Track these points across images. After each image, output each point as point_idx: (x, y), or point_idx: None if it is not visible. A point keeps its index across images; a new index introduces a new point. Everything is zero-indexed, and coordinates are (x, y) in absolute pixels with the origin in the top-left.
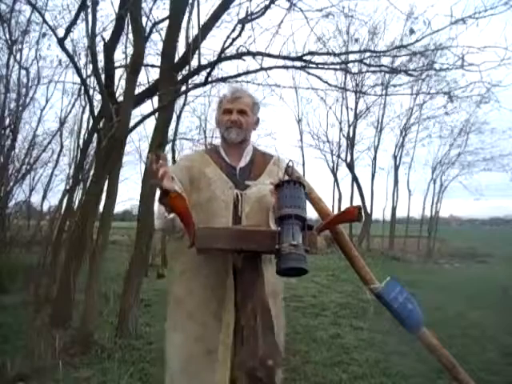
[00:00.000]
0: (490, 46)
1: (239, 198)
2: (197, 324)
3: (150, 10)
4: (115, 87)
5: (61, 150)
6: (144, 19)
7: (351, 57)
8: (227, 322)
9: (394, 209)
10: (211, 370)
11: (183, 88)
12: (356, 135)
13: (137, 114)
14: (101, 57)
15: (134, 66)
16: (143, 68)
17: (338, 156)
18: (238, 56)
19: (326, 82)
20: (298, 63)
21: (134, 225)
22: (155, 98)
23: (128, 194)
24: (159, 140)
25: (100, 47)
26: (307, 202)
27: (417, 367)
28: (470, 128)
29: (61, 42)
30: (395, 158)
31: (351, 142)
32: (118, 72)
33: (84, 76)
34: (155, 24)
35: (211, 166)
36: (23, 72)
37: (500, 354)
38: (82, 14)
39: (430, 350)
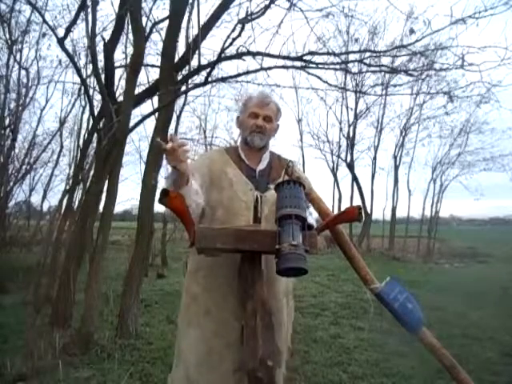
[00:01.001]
0: (490, 46)
1: (259, 200)
2: (214, 321)
3: (150, 9)
4: (115, 87)
5: (61, 150)
6: (144, 19)
7: (351, 57)
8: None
9: (394, 209)
10: (232, 362)
11: (183, 88)
12: (356, 135)
13: (137, 113)
14: (101, 57)
15: (134, 66)
16: (143, 68)
17: (338, 156)
18: (238, 56)
19: (326, 82)
20: (298, 63)
21: (133, 225)
22: (155, 98)
23: (128, 194)
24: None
25: (100, 47)
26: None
27: (417, 367)
28: (469, 128)
29: (61, 41)
30: (395, 157)
31: (351, 142)
32: (118, 72)
33: (84, 76)
34: (155, 24)
35: (232, 166)
36: (23, 72)
37: (500, 353)
38: (82, 14)
39: (430, 349)
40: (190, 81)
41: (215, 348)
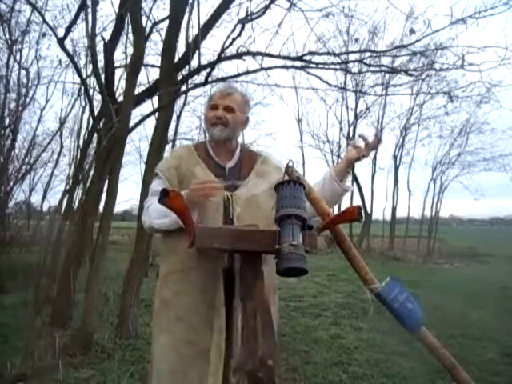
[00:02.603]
0: (490, 46)
1: (229, 200)
2: (186, 327)
3: (150, 10)
4: (115, 87)
5: (61, 150)
6: (144, 19)
7: (351, 57)
8: (219, 326)
9: (394, 209)
10: (203, 370)
11: (183, 88)
12: (356, 135)
13: (137, 113)
14: (101, 57)
15: (134, 66)
16: (143, 68)
17: (338, 156)
18: (238, 56)
19: (326, 82)
20: (298, 63)
21: (133, 225)
22: (155, 98)
23: (128, 194)
24: (159, 140)
25: (100, 47)
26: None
27: (417, 367)
28: (470, 128)
29: (61, 41)
30: (395, 157)
31: None
32: (118, 72)
33: (84, 76)
34: (155, 24)
35: (200, 164)
36: (23, 72)
37: (500, 353)
38: (82, 14)
39: (430, 350)
40: (190, 81)
41: (187, 356)
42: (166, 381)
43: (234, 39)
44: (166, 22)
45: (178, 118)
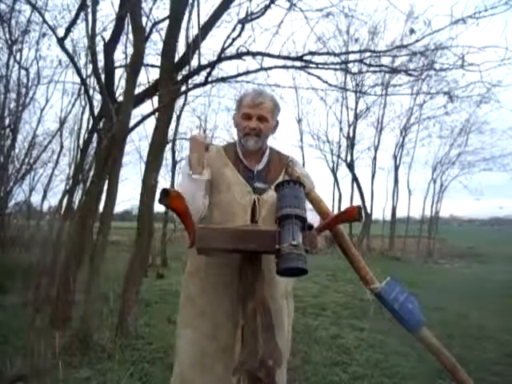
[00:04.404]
0: (490, 46)
1: (256, 203)
2: (209, 322)
3: (150, 9)
4: (115, 87)
5: (61, 150)
6: (144, 19)
7: (351, 57)
8: (239, 321)
9: (394, 209)
10: (224, 366)
11: (183, 88)
12: (356, 135)
13: (137, 113)
14: (101, 57)
15: (134, 66)
16: (143, 68)
17: (338, 156)
18: (238, 56)
19: (326, 82)
20: (298, 63)
21: (134, 225)
22: (155, 98)
23: (128, 194)
24: (159, 140)
25: (100, 47)
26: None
27: (417, 367)
28: (469, 128)
29: (61, 41)
30: (395, 157)
31: (351, 142)
32: (118, 72)
33: (84, 76)
34: (155, 24)
35: (229, 166)
36: (23, 72)
37: (500, 354)
38: (82, 14)
39: (430, 350)
40: (190, 81)
41: (208, 351)
42: (188, 373)
43: (234, 39)
44: (166, 22)
45: (178, 118)
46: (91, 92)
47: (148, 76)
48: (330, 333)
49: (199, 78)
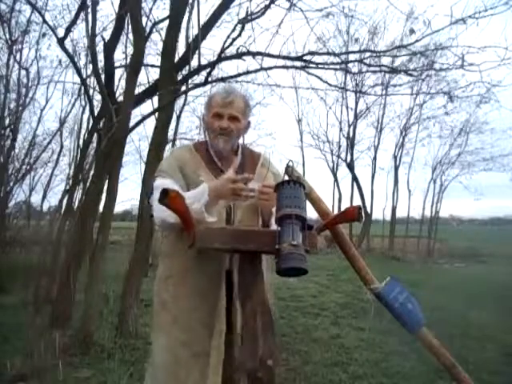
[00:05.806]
0: (490, 46)
1: (231, 206)
2: (181, 329)
3: (150, 9)
4: (115, 87)
5: (61, 150)
6: (144, 19)
7: (351, 57)
8: (220, 329)
9: (394, 209)
10: (200, 373)
11: (183, 88)
12: (356, 135)
13: (137, 113)
14: (101, 57)
15: (134, 66)
16: (143, 68)
17: (338, 156)
18: (238, 56)
19: (326, 82)
20: (298, 63)
21: (133, 225)
22: (155, 98)
23: (128, 194)
24: (159, 140)
25: (100, 47)
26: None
27: (417, 367)
28: (469, 128)
29: (61, 41)
30: (395, 157)
31: (351, 142)
32: (118, 72)
33: (84, 76)
34: (155, 24)
35: (203, 168)
36: (23, 72)
37: (500, 353)
38: (82, 14)
39: (430, 349)
40: (190, 81)
41: (182, 358)
42: (160, 379)
43: (234, 39)
44: (166, 22)
45: (178, 118)
46: (91, 92)
47: (148, 76)
48: (329, 333)
49: (199, 78)
